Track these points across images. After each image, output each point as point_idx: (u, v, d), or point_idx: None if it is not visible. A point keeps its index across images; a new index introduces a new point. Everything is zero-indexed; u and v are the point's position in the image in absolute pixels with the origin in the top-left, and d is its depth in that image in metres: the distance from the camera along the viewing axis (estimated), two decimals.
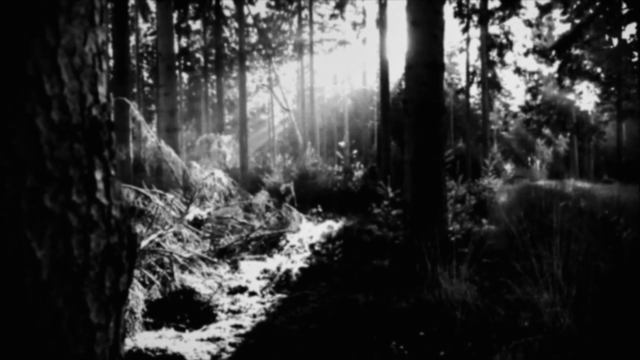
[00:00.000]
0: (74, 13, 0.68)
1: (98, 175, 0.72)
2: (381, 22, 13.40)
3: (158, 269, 3.70)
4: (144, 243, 3.82)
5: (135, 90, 29.76)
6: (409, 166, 3.96)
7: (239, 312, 3.28)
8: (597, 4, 16.28)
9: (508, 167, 32.54)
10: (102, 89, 0.73)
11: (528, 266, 3.22)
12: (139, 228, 4.02)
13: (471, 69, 23.98)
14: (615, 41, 24.27)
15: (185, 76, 35.75)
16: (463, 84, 33.54)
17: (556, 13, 36.97)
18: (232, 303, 3.44)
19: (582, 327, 2.37)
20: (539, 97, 30.92)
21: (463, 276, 3.17)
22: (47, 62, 0.66)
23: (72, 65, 0.68)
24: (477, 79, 24.19)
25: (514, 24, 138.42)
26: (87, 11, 0.71)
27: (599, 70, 26.65)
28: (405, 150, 4.05)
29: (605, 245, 3.70)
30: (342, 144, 14.14)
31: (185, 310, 3.23)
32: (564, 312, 2.48)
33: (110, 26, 13.16)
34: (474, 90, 33.72)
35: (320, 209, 8.13)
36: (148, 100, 36.96)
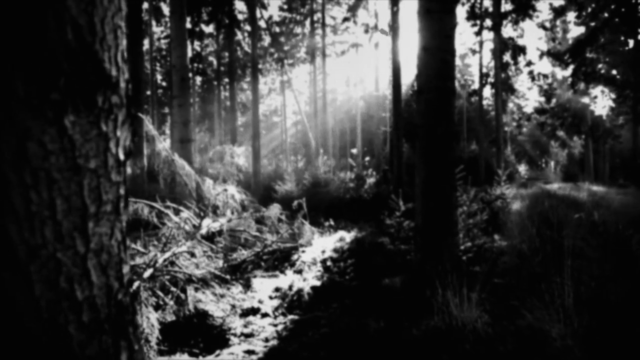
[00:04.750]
0: (101, 214, 0.68)
1: (124, 357, 0.73)
2: (394, 29, 13.38)
3: (172, 288, 3.76)
4: (158, 264, 3.89)
5: (149, 92, 30.10)
6: (420, 191, 3.96)
7: (251, 335, 3.32)
8: (613, 6, 16.08)
9: (522, 168, 32.27)
10: (126, 268, 0.74)
11: (540, 290, 3.22)
12: (154, 251, 4.09)
13: (484, 71, 23.83)
14: (631, 43, 23.90)
15: (198, 79, 36.07)
16: (476, 85, 33.35)
17: (571, 16, 36.58)
18: (245, 326, 3.48)
19: None
20: (553, 100, 30.58)
21: (474, 302, 3.18)
22: (78, 270, 0.66)
23: (100, 264, 0.68)
24: (490, 80, 23.98)
25: (528, 27, 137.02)
26: (113, 206, 0.70)
27: (614, 72, 26.25)
28: (416, 173, 4.05)
29: (619, 269, 3.67)
30: (354, 150, 14.21)
31: (199, 334, 3.28)
32: (574, 346, 2.48)
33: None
34: (487, 92, 33.51)
35: (332, 221, 8.18)
36: (161, 103, 37.43)
